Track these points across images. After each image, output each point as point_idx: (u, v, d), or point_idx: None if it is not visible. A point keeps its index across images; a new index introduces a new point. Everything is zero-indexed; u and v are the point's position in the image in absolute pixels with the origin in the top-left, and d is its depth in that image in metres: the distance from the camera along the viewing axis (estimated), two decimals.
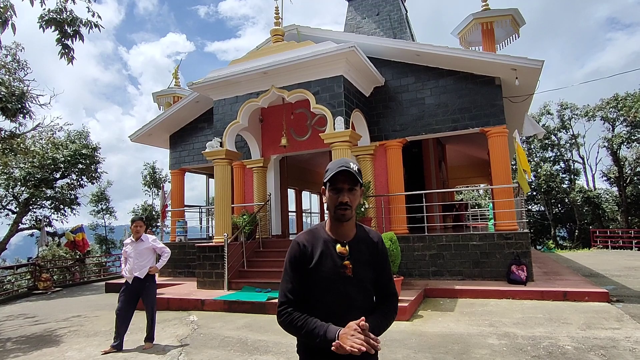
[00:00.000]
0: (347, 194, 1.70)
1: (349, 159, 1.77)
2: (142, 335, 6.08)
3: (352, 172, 1.68)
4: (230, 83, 9.30)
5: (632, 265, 12.13)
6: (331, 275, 1.73)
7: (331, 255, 1.75)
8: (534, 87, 9.24)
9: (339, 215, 1.72)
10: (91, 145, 18.46)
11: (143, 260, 5.66)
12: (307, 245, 1.78)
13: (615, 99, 27.25)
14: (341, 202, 1.69)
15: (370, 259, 1.80)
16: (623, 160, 27.92)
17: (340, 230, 1.78)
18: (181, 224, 12.09)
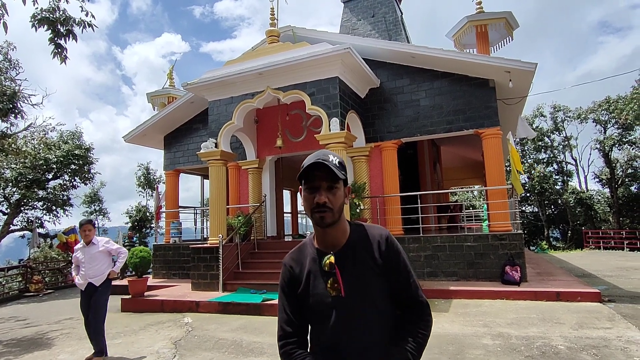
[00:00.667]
0: (325, 193, 1.36)
1: (329, 151, 1.45)
2: (134, 337, 6.04)
3: (328, 166, 1.36)
4: (226, 84, 9.27)
5: (623, 266, 12.24)
6: (321, 300, 1.41)
7: (319, 274, 1.44)
8: (528, 89, 9.32)
9: (317, 220, 1.39)
10: (84, 146, 18.35)
11: (96, 265, 5.14)
12: (295, 266, 1.51)
13: (607, 101, 27.56)
14: (317, 204, 1.35)
15: (373, 264, 1.41)
16: (614, 162, 28.22)
17: (327, 238, 1.45)
18: (175, 225, 12.04)
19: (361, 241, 1.45)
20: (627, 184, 27.88)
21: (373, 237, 1.46)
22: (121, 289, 10.40)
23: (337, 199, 1.38)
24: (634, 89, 25.64)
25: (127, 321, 7.20)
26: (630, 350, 4.49)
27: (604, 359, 4.27)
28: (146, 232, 27.62)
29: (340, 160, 1.41)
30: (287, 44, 9.10)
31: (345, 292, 1.39)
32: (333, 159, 1.39)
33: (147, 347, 5.51)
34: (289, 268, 1.52)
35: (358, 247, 1.44)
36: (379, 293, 1.42)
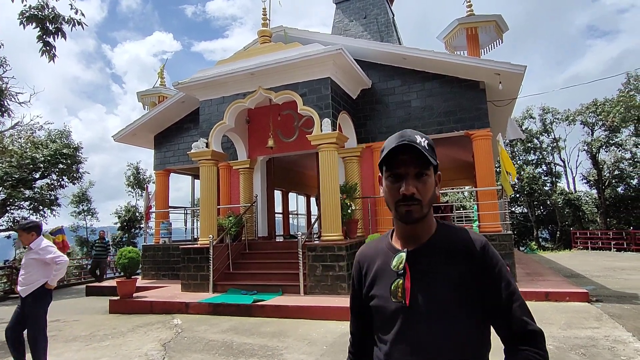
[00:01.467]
0: (412, 181, 1.12)
1: (415, 131, 1.18)
2: (122, 339, 5.97)
3: (417, 149, 1.11)
4: (217, 83, 9.22)
5: (610, 266, 12.42)
6: (383, 305, 1.19)
7: (388, 274, 1.21)
8: (517, 91, 9.40)
9: (403, 214, 1.14)
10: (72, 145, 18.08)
11: (27, 273, 4.44)
12: (364, 261, 1.31)
13: (594, 104, 27.94)
14: (404, 195, 1.12)
15: (456, 275, 1.13)
16: (602, 164, 28.62)
17: (407, 233, 1.21)
18: (165, 226, 11.93)
19: (446, 243, 1.18)
20: (614, 186, 28.30)
21: (463, 241, 1.18)
22: (109, 290, 10.30)
23: (428, 188, 1.14)
24: (620, 92, 26.04)
25: (115, 323, 7.12)
26: (617, 350, 4.56)
27: (592, 358, 4.33)
28: (135, 233, 27.38)
29: (429, 142, 1.17)
30: (279, 44, 9.07)
31: (411, 301, 1.13)
32: (421, 140, 1.14)
33: (136, 350, 5.45)
34: (357, 263, 1.34)
35: (441, 249, 1.17)
36: (457, 310, 1.11)
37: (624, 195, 27.52)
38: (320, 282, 7.83)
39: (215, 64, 9.51)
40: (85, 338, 6.22)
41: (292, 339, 5.61)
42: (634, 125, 25.71)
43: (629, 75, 25.83)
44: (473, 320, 1.14)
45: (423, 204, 1.13)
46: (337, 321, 6.45)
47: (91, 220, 28.03)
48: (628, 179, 28.05)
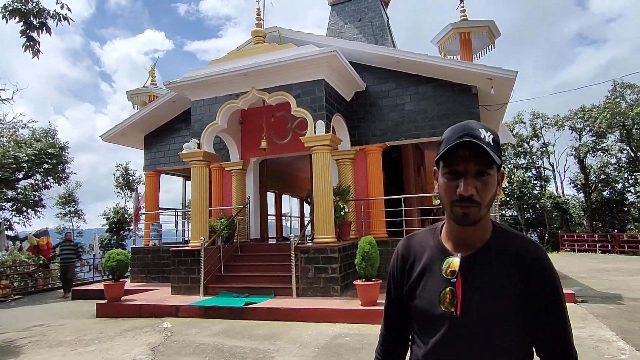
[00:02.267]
0: (473, 180, 1.03)
1: (479, 123, 1.08)
2: (109, 344, 5.84)
3: (481, 145, 1.02)
4: (209, 83, 9.12)
5: (596, 268, 12.62)
6: (427, 306, 1.12)
7: (435, 276, 1.13)
8: (509, 96, 9.47)
9: (459, 216, 1.05)
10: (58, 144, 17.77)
11: None
12: (408, 255, 1.23)
13: (582, 110, 28.49)
14: (462, 196, 1.02)
15: (511, 286, 1.06)
16: (589, 168, 29.15)
17: (460, 236, 1.12)
18: (155, 227, 11.74)
19: (503, 251, 1.10)
20: (600, 189, 28.85)
21: (521, 250, 1.09)
22: (96, 293, 10.09)
23: (489, 189, 1.04)
24: (607, 99, 26.55)
25: (102, 327, 6.96)
26: (601, 349, 4.67)
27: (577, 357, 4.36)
28: (124, 235, 27.01)
29: (495, 137, 1.06)
30: (273, 44, 9.01)
31: (462, 312, 1.06)
32: (486, 135, 1.04)
33: (124, 354, 5.33)
34: (400, 256, 1.25)
35: (497, 257, 1.09)
36: (509, 324, 1.05)
37: (610, 199, 28.11)
38: (313, 285, 7.76)
39: (208, 63, 9.41)
40: (71, 343, 6.06)
41: (284, 342, 5.55)
42: (619, 131, 26.27)
43: (615, 83, 26.38)
44: (522, 334, 1.08)
45: (482, 206, 1.04)
46: (329, 323, 6.41)
47: (78, 222, 27.61)
48: (613, 183, 28.67)
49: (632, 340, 4.95)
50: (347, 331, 5.93)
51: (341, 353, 4.96)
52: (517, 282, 1.06)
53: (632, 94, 26.33)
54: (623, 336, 5.11)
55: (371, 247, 6.83)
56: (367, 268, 6.76)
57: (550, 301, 1.07)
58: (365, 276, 6.81)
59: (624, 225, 27.17)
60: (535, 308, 1.06)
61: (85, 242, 27.73)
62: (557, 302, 1.08)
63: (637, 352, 4.53)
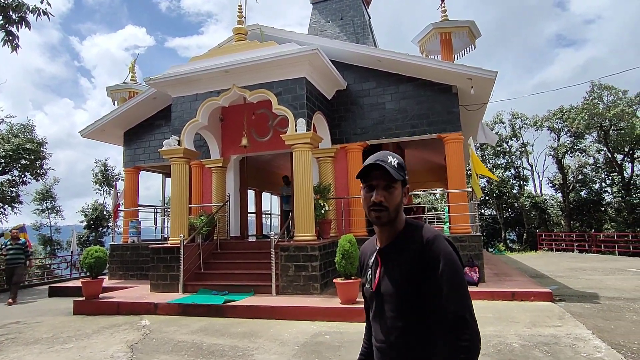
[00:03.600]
0: (382, 192, 1.40)
1: (389, 152, 1.48)
2: (87, 341, 5.78)
3: (385, 168, 1.39)
4: (190, 80, 9.05)
5: (573, 267, 12.90)
6: (366, 289, 1.55)
7: (370, 267, 1.54)
8: (488, 96, 9.64)
9: (373, 218, 1.44)
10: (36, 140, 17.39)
11: None
12: (363, 256, 1.64)
13: (560, 110, 28.93)
14: (374, 202, 1.40)
15: (407, 268, 1.37)
16: (567, 168, 29.74)
17: (381, 234, 1.50)
18: (134, 225, 11.61)
19: (405, 242, 1.44)
20: (578, 190, 29.44)
21: (419, 237, 1.40)
22: (74, 290, 9.94)
23: (394, 198, 1.42)
24: (585, 100, 27.11)
25: (79, 325, 6.88)
26: (577, 347, 4.75)
27: (554, 355, 4.48)
28: (103, 232, 26.57)
29: (399, 162, 1.45)
30: (254, 42, 8.99)
31: (377, 287, 1.45)
32: (392, 160, 1.43)
33: (101, 352, 5.28)
34: (359, 258, 1.67)
35: (401, 247, 1.44)
36: (406, 297, 1.35)
37: (587, 199, 28.65)
38: (293, 282, 7.80)
39: (189, 60, 9.34)
40: (48, 340, 5.97)
41: (264, 340, 5.57)
42: (596, 132, 26.81)
43: (593, 84, 26.92)
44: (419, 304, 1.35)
45: (390, 210, 1.41)
46: (309, 321, 6.44)
47: (56, 219, 27.01)
48: (591, 183, 29.25)
49: (608, 338, 5.05)
50: (327, 329, 5.96)
51: (321, 351, 5.00)
52: (415, 263, 1.36)
53: (610, 95, 26.88)
54: (599, 334, 5.21)
55: (351, 246, 6.88)
56: (347, 266, 6.80)
57: (429, 273, 1.33)
58: (345, 274, 6.86)
59: (600, 225, 27.72)
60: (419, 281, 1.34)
61: (63, 238, 27.23)
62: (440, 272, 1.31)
63: (612, 350, 4.62)
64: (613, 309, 6.72)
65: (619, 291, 8.27)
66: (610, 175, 28.04)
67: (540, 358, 4.40)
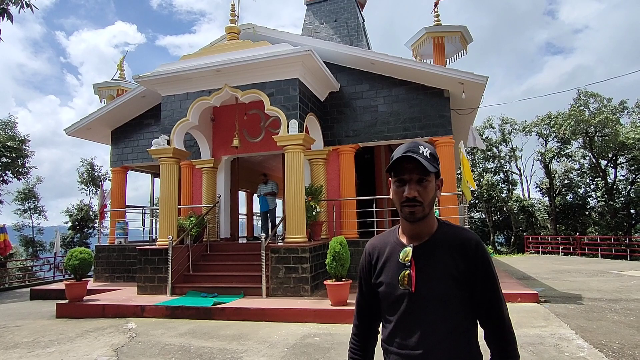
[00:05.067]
0: (415, 186, 1.32)
1: (420, 142, 1.39)
2: (70, 345, 5.61)
3: (418, 159, 1.31)
4: (181, 79, 8.93)
5: (559, 269, 13.08)
6: (390, 289, 1.39)
7: (395, 264, 1.40)
8: (479, 101, 9.71)
9: (407, 214, 1.34)
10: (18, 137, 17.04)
11: None
12: (374, 252, 1.49)
13: (548, 116, 29.50)
14: (407, 198, 1.32)
15: (453, 268, 1.33)
16: (554, 173, 30.25)
17: (412, 231, 1.40)
18: (121, 225, 11.40)
19: (446, 241, 1.38)
20: (564, 194, 29.98)
21: (460, 239, 1.37)
22: (57, 293, 9.71)
23: (428, 192, 1.34)
24: (571, 106, 27.63)
25: (62, 328, 6.69)
26: (561, 347, 4.84)
27: (539, 355, 4.55)
28: (88, 233, 26.09)
29: (431, 152, 1.36)
30: (247, 42, 8.91)
31: (416, 289, 1.34)
32: (424, 151, 1.34)
33: (85, 356, 5.14)
34: (368, 254, 1.52)
35: (441, 246, 1.37)
36: (453, 299, 1.32)
37: (572, 203, 29.24)
38: (283, 284, 7.71)
39: (180, 58, 9.22)
40: (28, 344, 5.79)
41: (253, 342, 5.49)
42: (582, 138, 27.36)
43: (579, 92, 27.53)
44: (465, 307, 1.35)
45: (424, 205, 1.33)
46: (299, 323, 6.38)
47: (39, 219, 26.41)
48: (576, 188, 29.85)
49: (590, 338, 5.16)
50: (317, 331, 5.91)
51: (310, 353, 4.95)
52: (458, 264, 1.33)
53: (595, 102, 27.56)
54: (582, 334, 5.31)
55: (342, 247, 6.84)
56: (338, 268, 6.76)
57: (484, 278, 1.35)
58: (336, 276, 6.82)
59: (585, 228, 28.31)
60: (474, 286, 1.34)
61: (46, 240, 26.64)
62: (491, 281, 1.36)
63: (594, 349, 4.72)
64: (595, 309, 6.85)
65: (602, 292, 8.43)
66: (594, 180, 28.64)
67: (526, 358, 4.45)
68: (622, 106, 27.39)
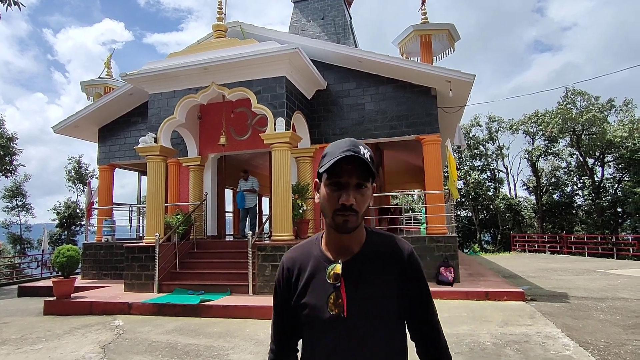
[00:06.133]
0: (353, 192, 1.11)
1: (358, 140, 1.16)
2: (57, 342, 5.62)
3: (363, 160, 1.11)
4: (168, 77, 8.91)
5: (545, 267, 13.24)
6: (317, 315, 1.16)
7: (320, 283, 1.18)
8: (466, 99, 9.80)
9: (340, 224, 1.13)
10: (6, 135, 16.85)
11: None
12: (293, 267, 1.25)
13: (535, 114, 29.64)
14: (344, 205, 1.11)
15: (389, 282, 1.18)
16: (540, 171, 30.50)
17: (340, 243, 1.21)
18: (108, 223, 11.36)
19: (378, 253, 1.21)
20: (551, 192, 30.24)
21: (393, 250, 1.22)
22: (44, 290, 9.67)
23: (365, 200, 1.14)
24: (559, 105, 27.88)
25: (49, 325, 6.68)
26: (547, 345, 4.87)
27: (525, 353, 4.58)
28: (75, 230, 25.88)
29: (371, 154, 1.15)
30: (234, 39, 8.92)
31: (348, 312, 1.13)
32: (365, 152, 1.13)
33: (72, 353, 5.15)
34: (286, 269, 1.27)
35: (373, 258, 1.20)
36: (390, 316, 1.17)
37: (559, 202, 29.44)
38: (270, 282, 7.77)
39: (167, 56, 9.20)
40: (16, 341, 5.79)
41: (239, 339, 5.53)
42: (569, 136, 27.60)
43: (567, 90, 27.73)
44: (403, 325, 1.22)
45: (359, 215, 1.13)
46: None
47: (26, 217, 26.17)
48: (563, 186, 30.08)
49: (576, 336, 5.19)
50: None
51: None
52: (393, 278, 1.19)
53: (583, 100, 27.73)
54: (568, 333, 5.35)
55: None
56: None
57: (418, 289, 1.22)
58: None
59: (571, 227, 28.49)
60: (410, 298, 1.21)
61: (34, 237, 26.39)
62: (426, 293, 1.24)
63: (580, 347, 4.74)
64: (582, 308, 6.90)
65: (588, 291, 8.51)
66: (581, 178, 28.87)
67: (512, 356, 4.48)
68: (610, 104, 27.54)
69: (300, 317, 1.22)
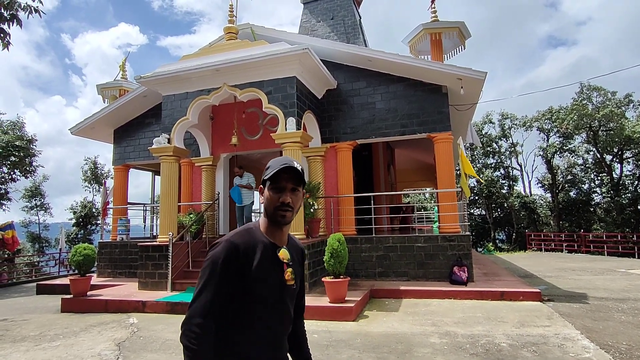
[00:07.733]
0: (289, 194, 1.51)
1: (292, 158, 1.59)
2: (74, 339, 5.75)
3: (297, 170, 1.51)
4: (181, 79, 9.02)
5: (562, 267, 12.99)
6: (276, 287, 1.52)
7: (273, 262, 1.52)
8: (478, 96, 9.71)
9: (279, 218, 1.51)
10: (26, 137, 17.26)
11: None
12: (244, 247, 1.47)
13: (550, 111, 29.15)
14: (283, 203, 1.49)
15: (300, 268, 1.68)
16: (556, 169, 30.00)
17: (278, 234, 1.58)
18: (123, 222, 11.56)
19: (294, 246, 1.67)
20: (567, 190, 29.70)
21: (299, 246, 1.72)
22: (61, 288, 9.89)
23: (298, 200, 1.55)
24: (574, 100, 27.36)
25: (67, 322, 6.84)
26: (566, 347, 4.75)
27: (542, 356, 4.49)
28: (91, 229, 26.38)
29: (302, 168, 1.57)
30: (245, 41, 8.98)
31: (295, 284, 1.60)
32: (297, 166, 1.53)
33: (88, 350, 5.27)
34: (237, 251, 1.44)
35: (292, 249, 1.64)
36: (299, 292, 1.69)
37: (576, 200, 28.84)
38: None
39: (180, 59, 9.31)
40: (35, 338, 5.95)
41: None
42: (586, 132, 27.07)
43: (582, 85, 27.19)
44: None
45: (294, 211, 1.53)
46: None
47: (44, 216, 26.79)
48: (580, 183, 29.50)
49: (596, 338, 5.05)
50: (316, 328, 5.95)
51: None
52: (300, 264, 1.70)
53: (599, 96, 27.13)
54: (587, 334, 5.21)
55: (340, 245, 6.88)
56: (336, 265, 6.81)
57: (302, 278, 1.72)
58: (334, 273, 6.87)
59: (590, 225, 27.86)
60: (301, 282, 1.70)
61: (52, 236, 26.98)
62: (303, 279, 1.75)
63: (600, 350, 4.62)
64: (602, 309, 6.71)
65: (608, 291, 8.27)
66: (599, 175, 28.27)
67: (529, 358, 4.42)
68: (628, 99, 26.83)
69: (257, 289, 1.47)
